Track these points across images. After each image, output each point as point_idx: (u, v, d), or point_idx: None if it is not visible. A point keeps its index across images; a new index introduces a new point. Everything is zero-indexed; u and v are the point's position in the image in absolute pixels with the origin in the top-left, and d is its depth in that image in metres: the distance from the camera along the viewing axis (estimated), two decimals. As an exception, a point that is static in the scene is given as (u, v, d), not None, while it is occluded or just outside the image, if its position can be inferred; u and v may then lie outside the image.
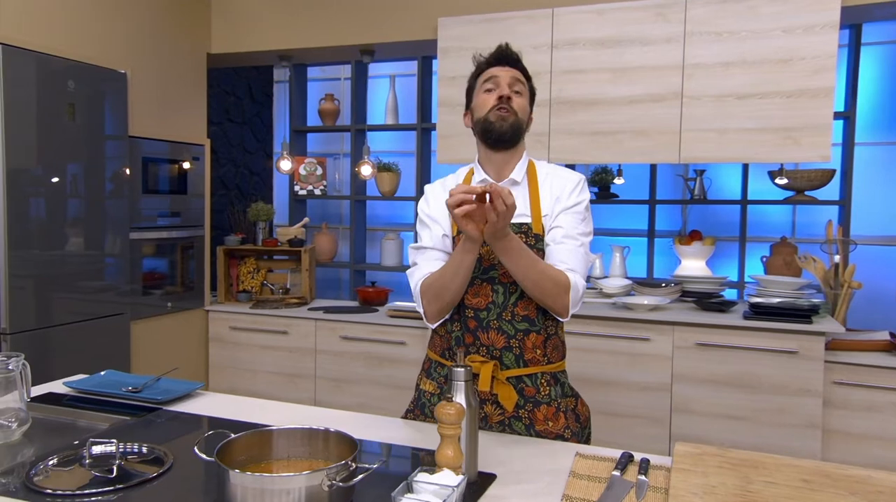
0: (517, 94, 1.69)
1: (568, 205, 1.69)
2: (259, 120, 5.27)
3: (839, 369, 2.97)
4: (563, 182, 1.72)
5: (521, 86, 1.71)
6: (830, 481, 1.20)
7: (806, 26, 2.98)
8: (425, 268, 1.70)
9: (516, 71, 1.72)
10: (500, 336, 1.65)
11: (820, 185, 3.80)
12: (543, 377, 1.69)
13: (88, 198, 3.17)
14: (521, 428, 1.66)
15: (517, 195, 1.68)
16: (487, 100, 1.68)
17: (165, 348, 3.69)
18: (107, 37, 3.32)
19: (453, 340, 1.70)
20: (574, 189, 1.71)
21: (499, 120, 1.66)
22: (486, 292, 1.66)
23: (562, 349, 1.77)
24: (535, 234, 1.67)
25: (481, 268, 1.67)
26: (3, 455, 1.46)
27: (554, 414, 1.67)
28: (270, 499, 1.12)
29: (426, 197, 1.81)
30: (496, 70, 1.70)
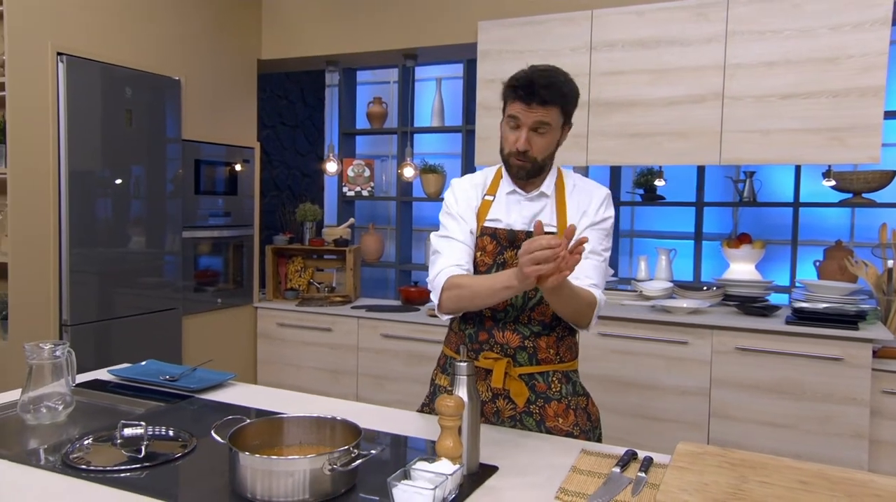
0: (539, 135, 1.64)
1: (595, 221, 1.72)
2: (311, 123, 5.43)
3: (888, 378, 2.87)
4: (589, 198, 1.74)
5: (546, 126, 1.63)
6: (829, 483, 1.19)
7: (855, 23, 2.89)
8: (451, 258, 1.70)
9: (543, 108, 1.60)
10: (514, 335, 1.69)
11: (878, 187, 3.66)
12: (555, 375, 1.72)
13: (145, 198, 3.36)
14: (532, 423, 1.68)
15: (546, 207, 1.73)
16: (509, 137, 1.67)
17: (215, 342, 3.85)
18: (162, 45, 3.50)
19: (467, 337, 1.74)
20: (601, 205, 1.73)
21: (517, 168, 1.68)
22: None
23: (575, 349, 1.79)
24: None
25: (503, 270, 1.68)
26: (51, 433, 1.59)
27: (564, 410, 1.70)
28: (276, 480, 1.19)
29: (454, 191, 1.82)
30: (519, 110, 1.62)
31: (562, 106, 1.63)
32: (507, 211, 1.74)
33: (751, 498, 1.12)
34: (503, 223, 1.73)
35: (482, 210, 1.76)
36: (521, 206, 1.74)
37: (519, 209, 1.74)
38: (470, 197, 1.79)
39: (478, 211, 1.76)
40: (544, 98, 1.59)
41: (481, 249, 1.73)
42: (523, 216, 1.73)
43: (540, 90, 1.59)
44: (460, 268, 1.68)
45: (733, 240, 3.95)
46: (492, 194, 1.78)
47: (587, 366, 3.27)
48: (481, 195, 1.79)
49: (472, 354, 1.72)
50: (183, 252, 3.58)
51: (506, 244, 1.72)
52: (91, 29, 3.14)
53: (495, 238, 1.72)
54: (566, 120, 1.68)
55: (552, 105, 1.61)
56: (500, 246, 1.72)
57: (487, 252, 1.73)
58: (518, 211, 1.74)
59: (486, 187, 1.80)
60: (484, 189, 1.80)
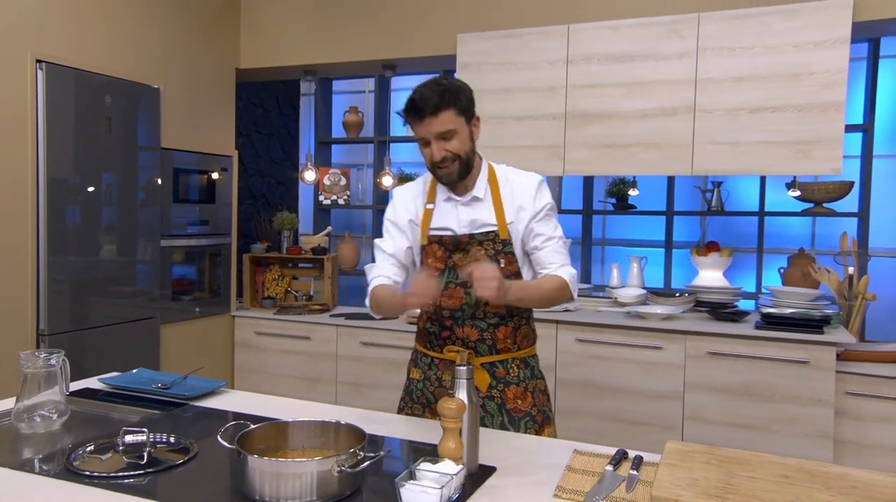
0: (447, 140, 1.73)
1: (536, 212, 1.84)
2: (286, 131, 5.44)
3: (851, 380, 3.00)
4: (522, 189, 1.85)
5: (450, 131, 1.72)
6: (809, 477, 1.27)
7: (817, 41, 3.03)
8: (382, 269, 1.88)
9: (437, 118, 1.69)
10: (473, 330, 1.83)
11: (838, 197, 3.83)
12: (514, 362, 1.87)
13: (122, 206, 3.34)
14: (494, 407, 1.83)
15: (481, 208, 1.86)
16: (425, 153, 1.78)
17: (193, 351, 3.84)
18: (141, 53, 3.49)
19: (431, 334, 1.89)
20: (535, 195, 1.85)
21: (444, 176, 1.79)
22: (458, 294, 1.83)
23: (532, 336, 1.95)
24: (503, 240, 1.84)
25: (454, 273, 1.84)
26: (45, 442, 1.59)
27: (522, 393, 1.86)
28: (285, 483, 1.23)
29: (394, 204, 1.95)
30: (419, 129, 1.73)
31: (454, 105, 1.71)
32: (447, 217, 1.87)
33: (740, 491, 1.19)
34: (447, 231, 1.86)
35: (425, 218, 1.89)
36: (458, 212, 1.86)
37: (457, 214, 1.86)
38: (409, 209, 1.91)
39: (421, 219, 1.89)
40: (432, 107, 1.69)
41: (432, 255, 1.86)
42: (462, 220, 1.85)
43: (424, 103, 1.69)
44: (386, 278, 1.86)
45: (702, 249, 4.07)
46: (431, 202, 1.90)
47: (564, 371, 3.35)
48: (422, 204, 1.91)
49: (437, 349, 1.88)
50: (161, 261, 3.56)
51: (452, 248, 1.85)
52: (70, 37, 3.13)
53: (442, 244, 1.86)
54: (468, 116, 1.77)
55: (444, 110, 1.70)
56: (447, 251, 1.85)
57: (438, 258, 1.86)
58: (456, 216, 1.86)
59: (425, 195, 1.91)
60: (424, 197, 1.91)
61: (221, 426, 1.40)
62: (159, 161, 3.52)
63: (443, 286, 1.79)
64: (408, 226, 1.90)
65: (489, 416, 1.82)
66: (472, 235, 1.84)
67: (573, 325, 3.33)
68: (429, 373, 1.92)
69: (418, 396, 1.93)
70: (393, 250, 1.89)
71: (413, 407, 1.95)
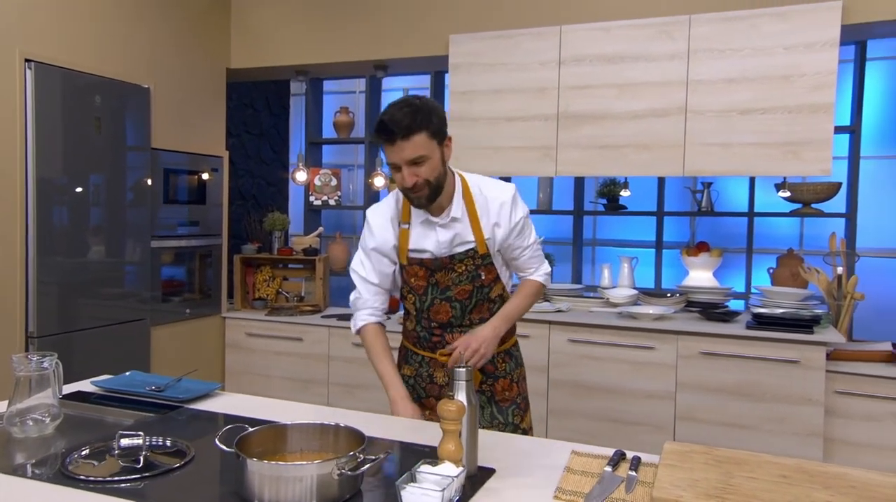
0: (418, 166, 1.71)
1: (511, 228, 1.89)
2: (276, 132, 5.41)
3: (841, 379, 3.03)
4: (495, 205, 1.87)
5: (421, 155, 1.70)
6: (807, 477, 1.28)
7: (807, 44, 3.06)
8: (367, 301, 1.94)
9: (408, 142, 1.68)
10: (461, 335, 1.89)
11: (826, 198, 3.86)
12: (499, 356, 1.98)
13: (112, 207, 3.31)
14: (484, 400, 1.95)
15: (457, 227, 1.87)
16: (397, 178, 1.77)
17: (184, 353, 3.81)
18: (131, 53, 3.46)
19: (421, 338, 1.97)
20: (510, 211, 1.88)
21: (416, 201, 1.79)
22: (445, 309, 1.92)
23: (513, 329, 2.06)
24: (482, 255, 1.89)
25: (439, 289, 1.89)
26: (38, 446, 1.58)
27: (509, 384, 1.98)
28: (285, 486, 1.22)
29: (371, 228, 1.93)
30: (390, 154, 1.71)
31: (426, 128, 1.69)
32: (425, 239, 1.88)
33: (740, 492, 1.20)
34: (426, 253, 1.88)
35: (402, 239, 1.90)
36: (437, 233, 1.87)
37: (436, 236, 1.88)
38: (387, 236, 1.90)
39: (398, 240, 1.91)
40: (404, 130, 1.67)
41: (413, 275, 1.90)
42: (440, 242, 1.87)
43: (395, 125, 1.67)
44: (374, 314, 1.95)
45: (692, 249, 4.10)
46: (406, 222, 1.90)
47: (557, 372, 3.36)
48: (397, 226, 1.92)
49: (428, 349, 1.96)
50: (151, 262, 3.54)
51: (434, 268, 1.88)
52: (59, 36, 3.10)
53: (423, 265, 1.89)
54: (440, 138, 1.75)
55: (416, 133, 1.68)
56: (429, 271, 1.89)
57: (420, 277, 1.90)
58: (435, 237, 1.88)
59: (399, 215, 1.91)
60: (398, 218, 1.91)
61: (218, 429, 1.39)
62: (149, 161, 3.50)
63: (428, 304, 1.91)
64: (391, 251, 1.91)
65: (481, 409, 1.91)
66: (453, 256, 1.88)
67: (565, 326, 3.34)
68: (420, 369, 1.99)
69: (409, 391, 1.97)
70: (377, 279, 1.93)
71: None
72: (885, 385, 2.97)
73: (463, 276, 1.89)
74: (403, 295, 1.98)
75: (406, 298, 1.97)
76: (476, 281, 1.89)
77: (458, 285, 1.89)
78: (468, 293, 1.90)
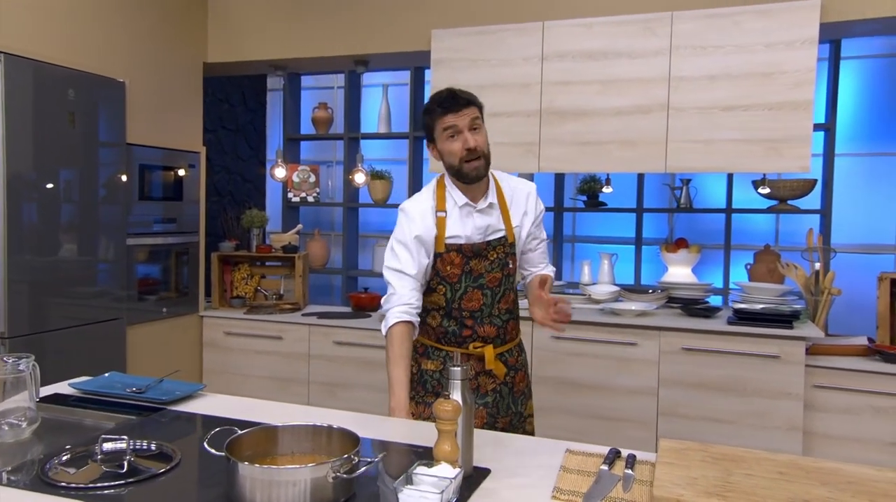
0: (476, 132, 1.89)
1: (535, 217, 2.07)
2: (252, 127, 5.33)
3: (819, 373, 3.06)
4: (523, 196, 2.04)
5: (477, 121, 1.90)
6: (804, 473, 1.28)
7: (787, 42, 3.08)
8: (402, 296, 1.90)
9: (469, 109, 1.88)
10: (492, 327, 2.00)
11: (801, 195, 3.91)
12: (516, 348, 2.10)
13: (87, 204, 3.22)
14: (507, 391, 2.04)
15: (493, 214, 1.98)
16: (454, 148, 1.88)
17: (160, 353, 3.73)
18: (106, 46, 3.37)
19: (450, 333, 2.00)
20: (535, 201, 2.06)
21: (472, 170, 1.89)
22: (477, 297, 1.98)
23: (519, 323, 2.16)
24: (510, 244, 2.01)
25: (472, 277, 1.97)
26: (15, 452, 1.52)
27: (523, 376, 2.10)
28: (277, 491, 1.18)
29: (411, 217, 1.95)
30: (452, 119, 1.87)
31: (479, 107, 1.92)
32: (463, 225, 1.96)
33: (738, 490, 1.19)
34: (463, 238, 1.96)
35: (440, 227, 1.96)
36: (473, 219, 1.97)
37: (472, 222, 1.97)
38: (428, 225, 1.94)
39: (436, 229, 1.96)
40: (466, 100, 1.88)
41: (449, 263, 1.95)
42: (478, 228, 1.97)
43: (460, 97, 1.88)
44: (408, 312, 1.89)
45: (671, 245, 4.12)
46: (442, 210, 1.97)
47: (541, 369, 3.35)
48: (434, 215, 1.96)
49: (454, 345, 1.99)
50: (126, 260, 3.45)
51: (469, 255, 1.96)
52: (31, 27, 3.00)
53: (461, 252, 1.96)
54: (483, 119, 1.94)
55: (473, 105, 1.90)
56: (464, 257, 1.96)
57: (455, 264, 1.96)
58: (472, 223, 1.97)
59: (435, 206, 1.98)
60: (434, 208, 1.98)
61: (203, 431, 1.35)
62: (124, 157, 3.41)
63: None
64: (433, 240, 1.95)
65: (502, 400, 2.01)
66: (488, 242, 1.98)
67: (549, 323, 3.33)
68: (446, 364, 2.01)
69: (433, 386, 2.02)
70: (415, 269, 1.92)
71: (425, 397, 2.02)
72: (862, 378, 3.01)
73: (494, 264, 1.98)
74: (432, 288, 1.99)
75: (435, 291, 1.98)
76: (505, 269, 1.99)
77: (490, 272, 1.97)
78: (498, 281, 1.99)
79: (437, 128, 1.90)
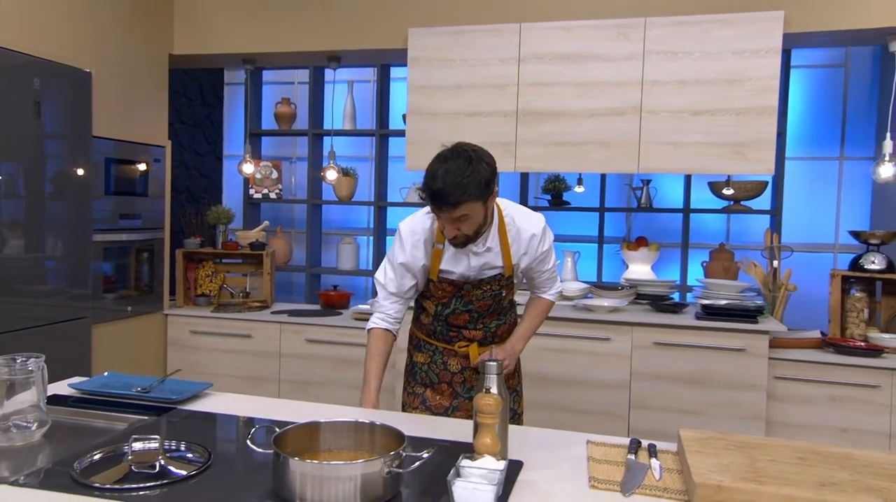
0: (463, 222, 1.80)
1: (536, 257, 2.04)
2: (210, 122, 5.20)
3: (780, 365, 3.23)
4: (526, 236, 2.00)
5: (465, 217, 1.79)
6: (822, 458, 1.36)
7: (753, 50, 3.23)
8: (385, 307, 2.04)
9: (456, 212, 1.75)
10: (479, 332, 2.09)
11: (755, 196, 4.11)
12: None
13: (48, 199, 3.08)
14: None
15: (490, 257, 1.98)
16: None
17: (125, 352, 3.62)
18: (70, 35, 3.24)
19: (438, 332, 2.10)
20: (538, 243, 2.02)
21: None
22: (464, 317, 2.06)
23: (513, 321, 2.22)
24: (507, 278, 2.03)
25: (463, 301, 2.03)
26: (25, 457, 1.47)
27: (513, 374, 2.18)
28: (329, 486, 1.19)
29: (403, 244, 2.00)
30: (438, 213, 1.80)
31: (473, 198, 1.75)
32: (458, 263, 1.99)
33: (770, 474, 1.27)
34: (456, 275, 2.00)
35: (434, 258, 2.00)
36: (469, 259, 1.99)
37: (468, 261, 1.99)
38: (418, 255, 1.99)
39: (431, 259, 2.00)
40: (452, 203, 1.73)
41: (441, 289, 2.02)
42: (472, 267, 1.99)
43: (445, 200, 1.73)
44: (385, 320, 2.03)
45: (632, 243, 4.26)
46: (441, 242, 1.98)
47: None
48: (430, 247, 2.01)
49: (442, 341, 2.10)
50: (91, 257, 3.32)
51: (461, 286, 2.00)
52: (-7, 12, 2.86)
53: (453, 284, 2.01)
54: (486, 197, 1.80)
55: (462, 204, 1.74)
56: (456, 287, 2.01)
57: (446, 292, 2.02)
58: (467, 262, 1.99)
59: (434, 236, 2.00)
60: (433, 238, 2.00)
61: (225, 430, 1.34)
62: (90, 150, 3.28)
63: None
64: (419, 270, 2.01)
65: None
66: (481, 279, 2.00)
67: (524, 319, 3.39)
68: (434, 357, 2.12)
69: (422, 377, 2.11)
70: (396, 290, 2.03)
71: (415, 387, 2.14)
72: (818, 369, 3.19)
73: (487, 294, 2.02)
74: (425, 295, 2.08)
75: (428, 298, 2.07)
76: (497, 297, 2.05)
77: (481, 300, 2.03)
78: (488, 306, 2.05)
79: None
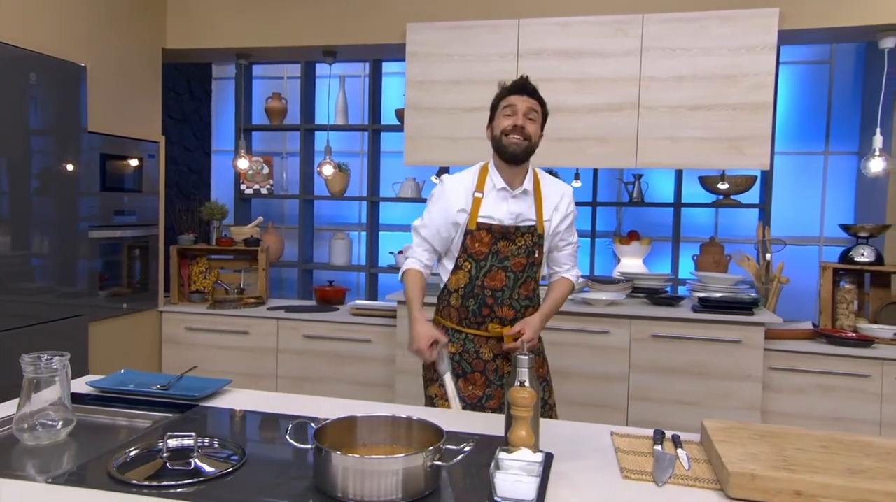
0: (530, 121, 2.06)
1: (565, 217, 2.19)
2: (198, 117, 5.15)
3: (774, 356, 3.30)
4: (557, 193, 2.18)
5: (535, 114, 2.07)
6: (844, 446, 1.40)
7: (749, 46, 3.28)
8: (416, 252, 2.16)
9: (532, 101, 2.07)
10: (510, 310, 2.13)
11: (745, 190, 4.18)
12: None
13: (43, 195, 3.04)
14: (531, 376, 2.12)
15: (526, 203, 2.13)
16: (504, 122, 2.07)
17: (121, 350, 3.58)
18: (64, 29, 3.19)
19: (470, 312, 2.13)
20: (568, 202, 2.21)
21: (512, 145, 2.05)
22: (500, 277, 2.11)
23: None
24: (539, 234, 2.14)
25: (498, 257, 2.10)
26: (52, 455, 1.45)
27: (542, 362, 2.27)
28: (371, 480, 1.20)
29: (445, 194, 2.13)
30: (514, 99, 2.06)
31: (543, 105, 2.11)
32: (496, 207, 2.11)
33: (800, 463, 1.30)
34: (495, 219, 2.10)
35: (475, 206, 2.11)
36: (507, 204, 2.12)
37: (506, 206, 2.11)
38: (460, 200, 2.11)
39: (471, 207, 2.11)
40: (532, 90, 2.08)
41: (479, 240, 2.10)
42: (510, 212, 2.11)
43: (525, 87, 2.08)
44: (419, 262, 2.15)
45: (624, 237, 4.31)
46: (480, 191, 2.13)
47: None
48: (471, 195, 2.11)
49: (473, 326, 2.14)
50: (88, 254, 3.28)
51: (499, 236, 2.10)
52: (-12, 5, 2.80)
53: (490, 231, 2.10)
54: (543, 120, 2.12)
55: (537, 98, 2.09)
56: (493, 237, 2.10)
57: (484, 243, 2.10)
58: (506, 208, 2.11)
59: (474, 186, 2.13)
60: (474, 186, 2.14)
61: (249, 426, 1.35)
62: (85, 145, 3.23)
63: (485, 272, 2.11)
64: (456, 216, 2.10)
65: None
66: (517, 227, 2.11)
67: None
68: (466, 346, 2.15)
69: (454, 367, 2.11)
70: (430, 234, 2.14)
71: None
72: (811, 360, 3.26)
73: (521, 249, 2.10)
74: (458, 265, 2.12)
75: (461, 269, 2.11)
76: (531, 256, 2.11)
77: (516, 256, 2.10)
78: (522, 266, 2.11)
79: (499, 106, 2.09)
